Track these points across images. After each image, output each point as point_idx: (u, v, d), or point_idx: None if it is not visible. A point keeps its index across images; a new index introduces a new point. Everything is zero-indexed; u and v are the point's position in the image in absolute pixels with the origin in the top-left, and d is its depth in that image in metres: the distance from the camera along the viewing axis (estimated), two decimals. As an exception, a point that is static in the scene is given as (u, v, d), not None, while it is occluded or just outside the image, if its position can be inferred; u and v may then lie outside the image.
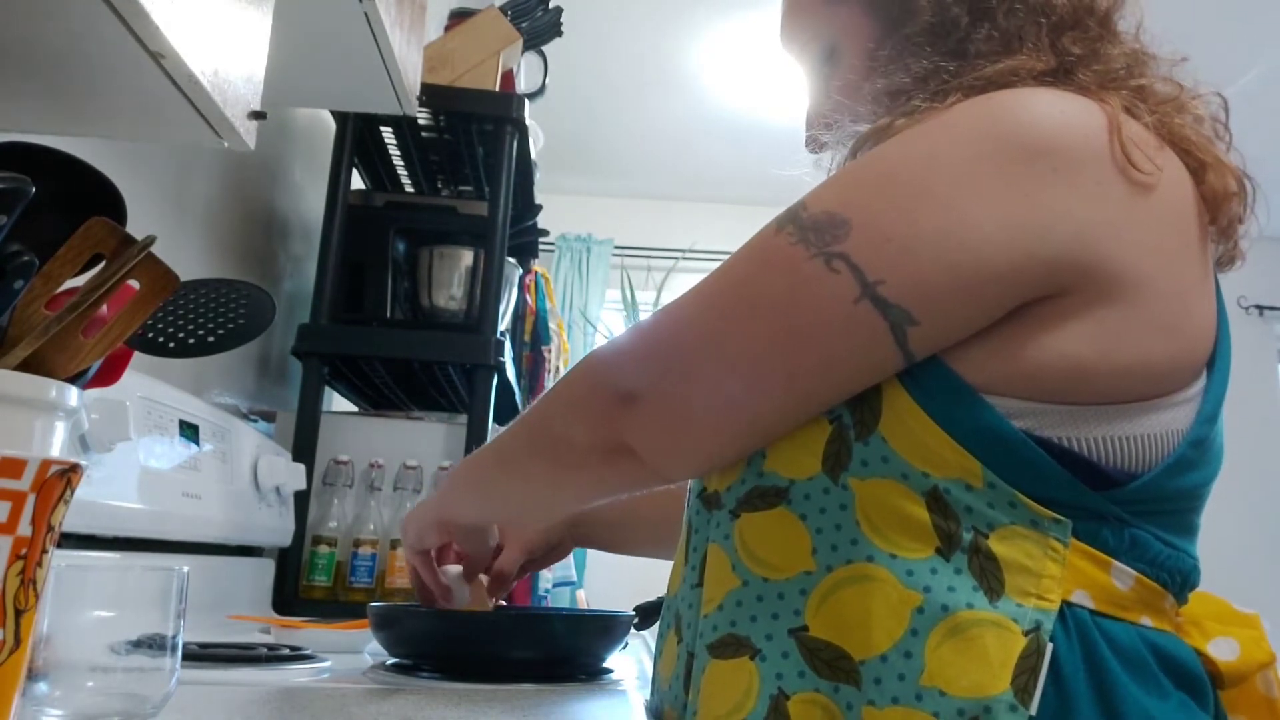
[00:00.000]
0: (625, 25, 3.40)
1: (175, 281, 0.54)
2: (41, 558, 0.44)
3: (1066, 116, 0.57)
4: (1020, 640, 0.53)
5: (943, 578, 0.55)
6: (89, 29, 0.63)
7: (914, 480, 0.56)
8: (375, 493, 1.62)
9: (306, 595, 1.55)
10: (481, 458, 0.79)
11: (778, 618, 0.59)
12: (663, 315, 0.62)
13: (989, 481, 0.55)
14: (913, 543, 0.56)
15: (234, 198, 1.56)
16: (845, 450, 0.58)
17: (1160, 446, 0.57)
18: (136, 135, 0.81)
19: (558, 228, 4.47)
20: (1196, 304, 0.59)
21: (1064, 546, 0.55)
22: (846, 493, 0.58)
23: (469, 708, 0.68)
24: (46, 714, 0.50)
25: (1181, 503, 0.59)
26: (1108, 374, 0.55)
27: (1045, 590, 0.54)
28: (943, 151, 0.56)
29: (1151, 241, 0.56)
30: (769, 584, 0.60)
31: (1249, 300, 4.77)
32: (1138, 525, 0.57)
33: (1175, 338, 0.57)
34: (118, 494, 0.99)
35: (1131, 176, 0.56)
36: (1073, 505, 0.55)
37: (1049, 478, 0.55)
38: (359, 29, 1.15)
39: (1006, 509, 0.55)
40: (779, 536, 0.60)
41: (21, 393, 0.47)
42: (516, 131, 1.74)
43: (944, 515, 0.56)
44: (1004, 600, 0.54)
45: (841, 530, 0.58)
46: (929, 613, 0.54)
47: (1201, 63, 0.67)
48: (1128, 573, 0.56)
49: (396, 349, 1.66)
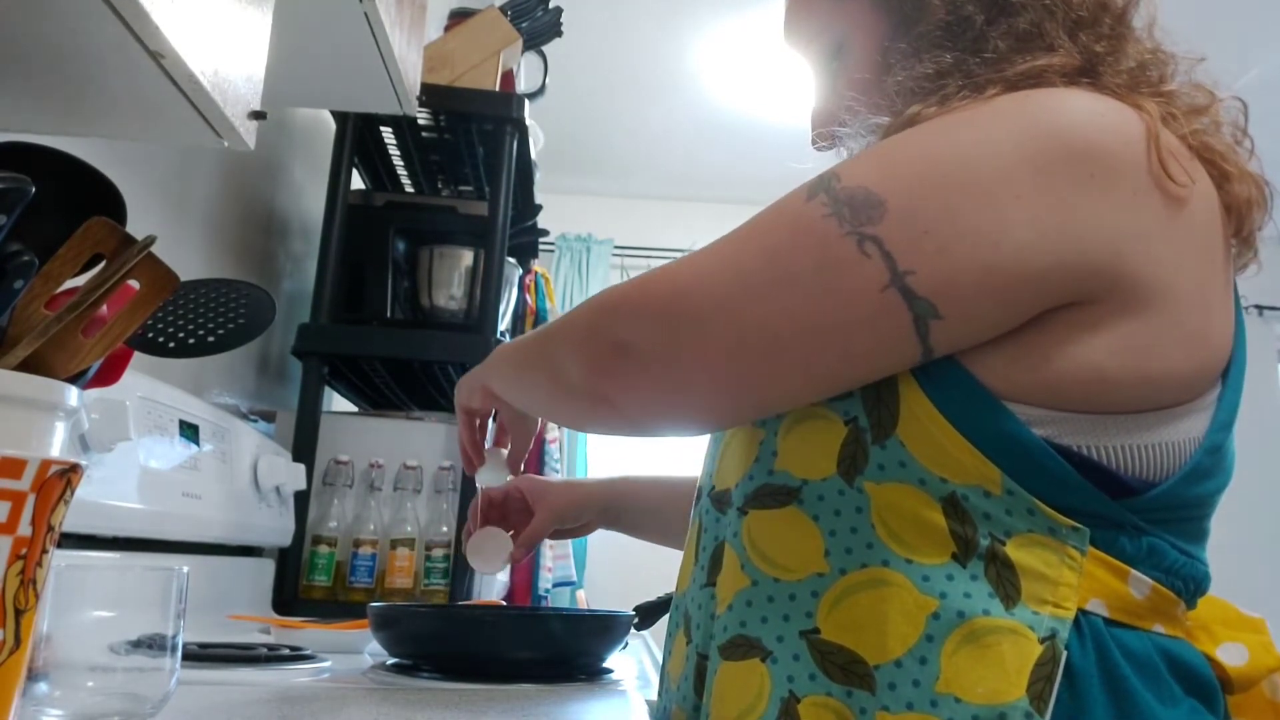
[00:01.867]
0: (625, 25, 3.40)
1: (175, 281, 0.54)
2: (41, 558, 0.44)
3: (1107, 121, 0.56)
4: (1036, 648, 0.53)
5: (959, 584, 0.54)
6: (89, 29, 0.63)
7: (932, 486, 0.55)
8: (375, 493, 1.62)
9: (306, 595, 1.55)
10: (519, 344, 0.77)
11: (789, 619, 0.58)
12: (682, 268, 0.58)
13: (1008, 489, 0.54)
14: (929, 548, 0.55)
15: (234, 198, 1.56)
16: (862, 453, 0.57)
17: (1178, 454, 0.57)
18: (136, 135, 0.81)
19: (558, 228, 4.46)
20: (1218, 314, 0.59)
21: (1082, 555, 0.54)
22: (862, 496, 0.57)
23: (469, 708, 0.68)
24: (46, 714, 0.50)
25: (1196, 510, 0.59)
26: (1131, 385, 0.55)
27: (1062, 598, 0.54)
28: (989, 144, 0.55)
29: (1181, 254, 0.56)
30: (780, 584, 0.59)
31: (1249, 300, 4.78)
32: (1154, 533, 0.57)
33: (1198, 348, 0.57)
34: (118, 494, 0.99)
35: (1167, 189, 0.55)
36: (1091, 514, 0.55)
37: (1068, 486, 0.54)
38: (359, 29, 1.15)
39: (1025, 516, 0.55)
40: (790, 537, 0.59)
41: (21, 393, 0.47)
42: (516, 131, 1.74)
43: (961, 521, 0.55)
44: (1020, 608, 0.54)
45: (857, 533, 0.57)
46: (945, 619, 0.54)
47: (1201, 64, 0.67)
48: (1145, 581, 0.56)
49: (396, 349, 1.66)
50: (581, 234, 4.66)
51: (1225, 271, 0.60)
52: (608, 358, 0.60)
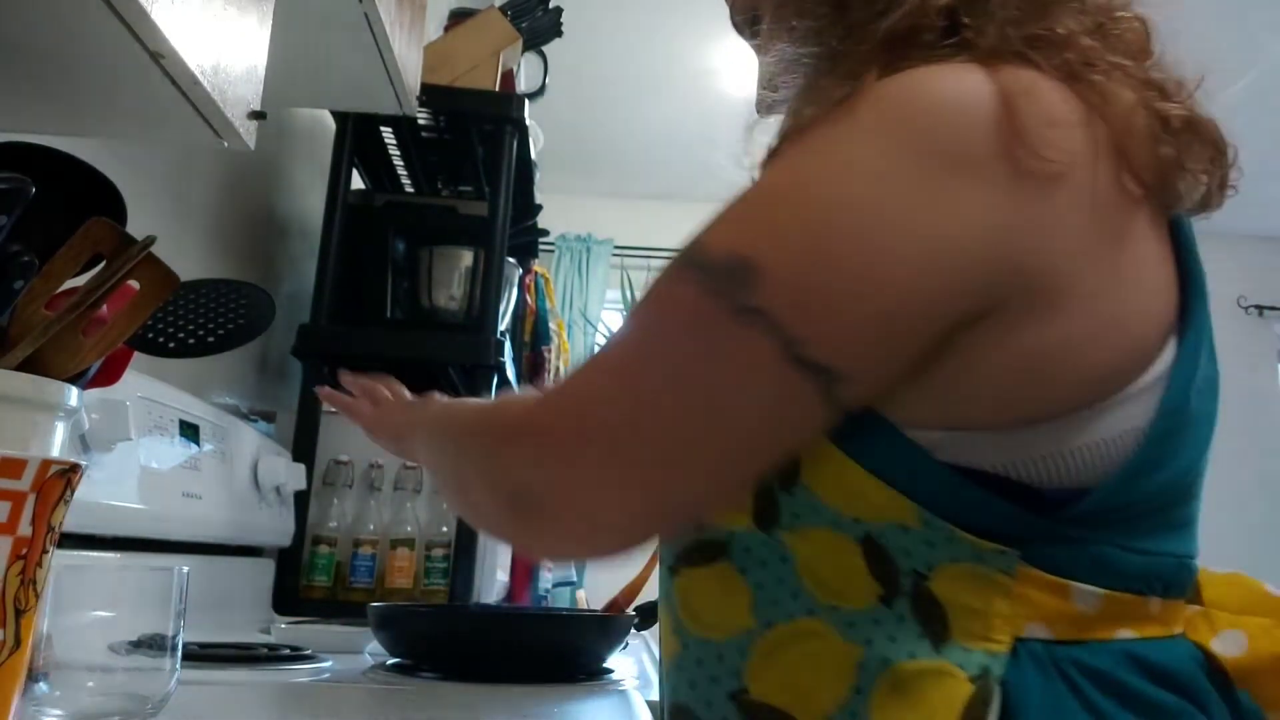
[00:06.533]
0: (625, 25, 3.40)
1: (175, 281, 0.54)
2: (41, 558, 0.44)
3: (968, 101, 0.49)
4: (966, 688, 0.48)
5: (885, 628, 0.51)
6: (89, 29, 0.63)
7: (846, 527, 0.51)
8: (375, 493, 1.62)
9: (306, 595, 1.55)
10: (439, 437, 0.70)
11: (716, 681, 0.55)
12: (565, 395, 0.54)
13: (924, 520, 0.50)
14: (853, 593, 0.51)
15: (234, 198, 1.56)
16: (773, 504, 0.53)
17: (1114, 451, 0.51)
18: (136, 135, 0.81)
19: (558, 228, 4.46)
20: (1137, 286, 0.52)
21: (1011, 578, 0.50)
22: (783, 546, 0.53)
23: (469, 708, 0.69)
24: (46, 714, 0.50)
25: (1156, 501, 0.53)
26: (1042, 388, 0.50)
27: (994, 631, 0.50)
28: (856, 172, 0.49)
29: (1073, 231, 0.50)
30: (707, 644, 0.55)
31: (1249, 300, 4.77)
32: (1099, 539, 0.52)
33: (1113, 333, 0.51)
34: (118, 494, 0.99)
35: (1038, 170, 0.49)
36: (1017, 534, 0.50)
37: (985, 510, 0.50)
38: (359, 29, 1.15)
39: (946, 546, 0.50)
40: (718, 593, 0.55)
41: (21, 393, 0.47)
42: (516, 131, 1.74)
43: (881, 561, 0.51)
44: (950, 646, 0.50)
45: (783, 584, 0.53)
46: (870, 667, 0.50)
47: (1201, 63, 0.66)
48: (1092, 592, 0.51)
49: (396, 349, 1.66)
50: (581, 234, 4.66)
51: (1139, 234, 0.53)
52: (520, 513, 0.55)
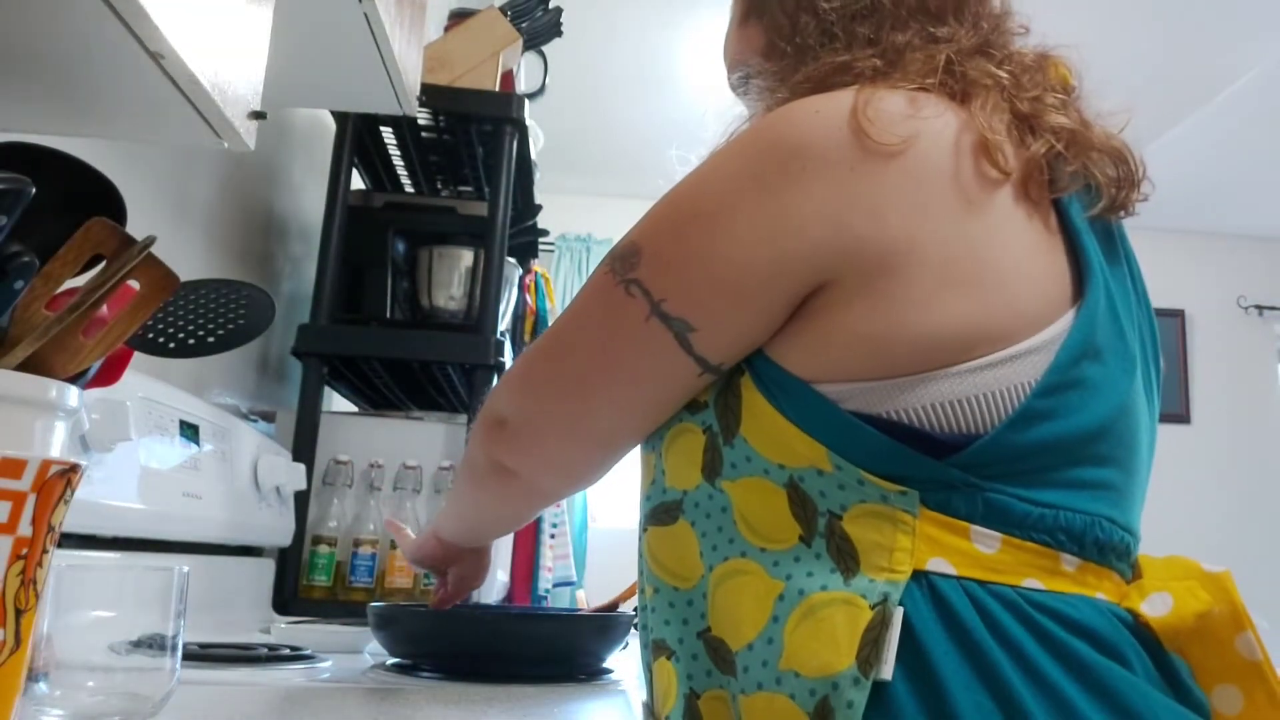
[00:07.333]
0: (625, 25, 3.40)
1: (175, 282, 0.54)
2: (42, 558, 0.44)
3: (820, 115, 0.60)
4: (867, 614, 0.54)
5: (804, 565, 0.58)
6: (89, 29, 0.63)
7: (774, 474, 0.60)
8: (375, 493, 1.62)
9: (306, 595, 1.55)
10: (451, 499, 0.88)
11: (687, 623, 0.64)
12: (529, 348, 0.72)
13: (836, 464, 0.58)
14: (779, 534, 0.60)
15: (234, 198, 1.56)
16: (718, 456, 0.63)
17: (1000, 404, 0.57)
18: (136, 136, 0.81)
19: (558, 228, 4.47)
20: (1000, 254, 0.59)
21: (913, 517, 0.56)
22: (724, 496, 0.62)
23: (469, 708, 0.69)
24: (46, 714, 0.50)
25: (1048, 458, 0.58)
26: (904, 344, 0.57)
27: (896, 563, 0.56)
28: (719, 171, 0.62)
29: (915, 207, 0.58)
30: (678, 592, 0.65)
31: (1249, 300, 4.77)
32: (994, 488, 0.57)
33: (973, 294, 0.57)
34: (118, 494, 0.99)
35: (870, 149, 0.58)
36: (918, 477, 0.57)
37: (886, 453, 0.57)
38: (359, 29, 1.15)
39: (856, 488, 0.57)
40: (680, 547, 0.65)
41: (21, 393, 0.47)
42: (516, 131, 1.74)
43: (802, 504, 0.59)
44: (858, 578, 0.56)
45: (722, 531, 0.62)
46: (788, 599, 0.57)
47: (1202, 62, 0.66)
48: (990, 535, 0.56)
49: (396, 349, 1.66)
50: (581, 234, 4.66)
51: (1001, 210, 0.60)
52: (493, 432, 0.73)
